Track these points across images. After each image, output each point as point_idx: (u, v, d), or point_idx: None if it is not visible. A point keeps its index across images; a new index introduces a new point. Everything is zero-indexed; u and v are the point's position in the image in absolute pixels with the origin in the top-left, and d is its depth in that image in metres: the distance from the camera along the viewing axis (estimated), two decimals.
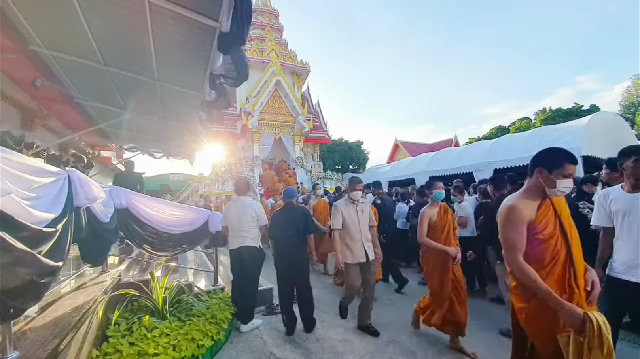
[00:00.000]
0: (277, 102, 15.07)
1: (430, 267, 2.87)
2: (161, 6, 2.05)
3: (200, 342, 2.46)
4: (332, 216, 3.05)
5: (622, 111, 22.06)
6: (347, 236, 2.97)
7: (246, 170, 13.23)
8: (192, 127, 4.27)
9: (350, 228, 2.97)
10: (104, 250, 2.70)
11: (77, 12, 2.23)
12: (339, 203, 3.08)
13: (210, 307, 3.01)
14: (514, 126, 27.23)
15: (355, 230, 2.97)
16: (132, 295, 2.93)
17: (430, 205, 2.92)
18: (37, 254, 1.19)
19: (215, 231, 3.49)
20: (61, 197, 1.53)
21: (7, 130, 3.53)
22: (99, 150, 6.94)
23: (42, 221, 1.28)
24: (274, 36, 16.32)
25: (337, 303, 3.98)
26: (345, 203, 3.05)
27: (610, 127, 7.92)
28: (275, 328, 3.12)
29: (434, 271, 2.83)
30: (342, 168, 25.12)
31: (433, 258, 2.84)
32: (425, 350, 2.71)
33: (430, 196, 2.95)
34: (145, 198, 3.17)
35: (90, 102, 4.11)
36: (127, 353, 2.16)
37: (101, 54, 2.82)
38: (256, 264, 3.20)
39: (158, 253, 3.30)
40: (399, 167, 14.61)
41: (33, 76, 3.40)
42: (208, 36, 2.26)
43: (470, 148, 11.21)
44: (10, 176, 1.11)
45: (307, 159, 16.39)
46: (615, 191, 2.06)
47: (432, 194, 2.90)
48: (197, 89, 3.14)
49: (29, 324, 1.81)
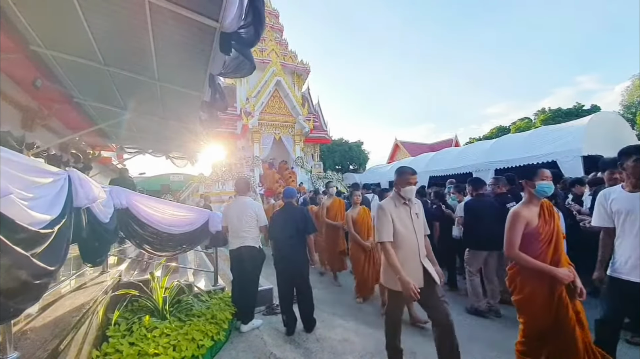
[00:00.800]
0: (278, 102, 15.06)
1: (526, 296, 1.99)
2: (161, 6, 2.05)
3: (200, 342, 2.46)
4: (378, 222, 2.16)
5: (623, 111, 22.04)
6: (399, 252, 2.10)
7: (246, 170, 13.21)
8: (192, 127, 4.27)
9: (404, 240, 2.12)
10: (104, 250, 2.70)
11: (77, 12, 2.23)
12: (386, 203, 2.23)
13: (210, 307, 3.01)
14: (514, 126, 27.22)
15: (410, 243, 2.13)
16: (132, 295, 2.93)
17: (527, 203, 2.07)
18: (33, 256, 1.18)
19: (216, 231, 3.49)
20: (61, 197, 1.52)
21: (8, 130, 3.53)
22: (99, 150, 6.94)
23: (40, 223, 1.27)
24: (274, 36, 16.31)
25: (337, 303, 4.00)
26: (395, 204, 2.20)
27: (610, 127, 7.91)
28: (275, 328, 3.11)
29: (531, 303, 1.97)
30: (342, 168, 25.10)
31: (531, 281, 1.96)
32: (425, 350, 2.70)
33: (529, 189, 2.07)
34: (145, 198, 3.17)
35: (91, 102, 4.11)
36: (127, 353, 2.16)
37: (101, 54, 2.82)
38: (256, 264, 3.20)
39: (158, 253, 3.29)
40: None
41: (33, 76, 3.40)
42: (208, 36, 2.26)
43: (470, 148, 11.19)
44: (10, 176, 1.11)
45: (307, 159, 16.37)
46: (615, 192, 2.06)
47: (533, 187, 2.03)
48: (197, 89, 3.15)
49: (29, 324, 1.81)
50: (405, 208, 2.21)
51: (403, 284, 1.94)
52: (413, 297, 1.91)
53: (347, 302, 4.03)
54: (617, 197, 2.02)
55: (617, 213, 2.00)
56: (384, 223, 2.13)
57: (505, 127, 28.56)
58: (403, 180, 2.21)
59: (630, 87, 22.15)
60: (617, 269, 1.95)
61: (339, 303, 3.99)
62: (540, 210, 2.02)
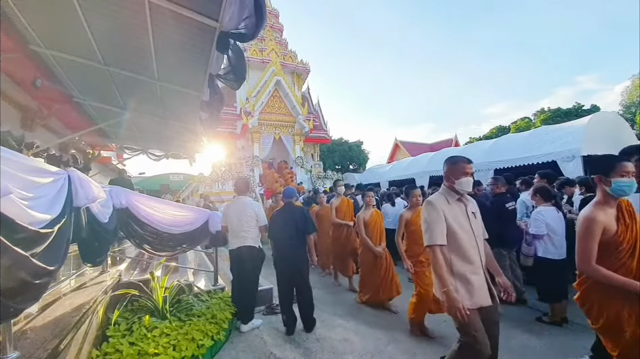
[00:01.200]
0: (277, 102, 15.06)
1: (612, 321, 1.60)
2: (161, 6, 2.05)
3: (200, 342, 2.46)
4: (428, 221, 1.78)
5: (623, 111, 22.05)
6: (457, 260, 1.72)
7: (246, 170, 13.22)
8: (192, 127, 4.27)
9: (461, 244, 1.73)
10: (104, 250, 2.70)
11: (77, 12, 2.23)
12: (436, 199, 1.84)
13: (210, 307, 3.01)
14: (514, 125, 27.23)
15: (470, 248, 1.73)
16: (132, 295, 2.93)
17: (601, 204, 1.68)
18: (33, 256, 1.18)
19: (215, 231, 3.49)
20: (61, 197, 1.53)
21: (8, 130, 3.53)
22: (99, 150, 6.94)
23: (40, 222, 1.28)
24: (274, 36, 16.31)
25: (337, 303, 4.00)
26: (447, 200, 1.83)
27: (610, 127, 7.91)
28: (275, 328, 3.12)
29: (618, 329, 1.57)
30: (342, 168, 25.12)
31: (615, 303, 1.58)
32: (425, 350, 2.71)
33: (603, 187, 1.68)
34: (145, 198, 3.18)
35: (90, 102, 4.11)
36: (127, 353, 2.16)
37: (101, 54, 2.82)
38: (256, 264, 3.20)
39: (158, 253, 3.30)
40: (399, 167, 14.60)
41: (33, 76, 3.40)
42: (208, 36, 2.26)
43: (470, 148, 11.20)
44: (10, 176, 1.11)
45: (307, 159, 16.38)
46: None
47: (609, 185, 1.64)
48: (197, 89, 3.14)
49: (29, 324, 1.81)
50: (460, 205, 1.84)
51: (449, 301, 1.58)
52: (460, 320, 1.56)
53: (347, 302, 4.04)
54: None
55: None
56: (436, 221, 1.73)
57: (505, 126, 28.58)
58: (457, 170, 1.82)
59: (630, 87, 22.16)
60: None
61: (339, 303, 3.99)
62: (618, 213, 1.63)
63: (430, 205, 1.81)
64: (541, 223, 2.98)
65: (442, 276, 1.65)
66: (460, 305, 1.56)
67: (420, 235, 2.78)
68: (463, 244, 1.73)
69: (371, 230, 3.76)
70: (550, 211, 3.06)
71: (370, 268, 3.74)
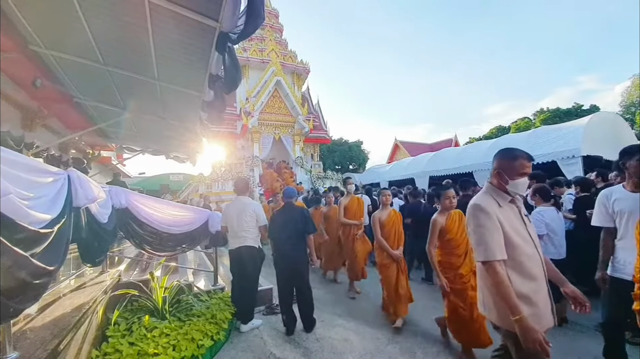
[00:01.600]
0: (277, 102, 15.07)
1: None
2: (161, 6, 2.05)
3: (200, 342, 2.46)
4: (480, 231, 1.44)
5: (622, 111, 22.06)
6: (517, 277, 1.41)
7: (246, 170, 13.22)
8: (192, 127, 4.27)
9: (523, 257, 1.42)
10: (103, 250, 2.70)
11: (77, 12, 2.23)
12: (485, 201, 1.50)
13: (210, 307, 3.01)
14: (514, 125, 27.25)
15: (533, 260, 1.44)
16: (132, 295, 2.93)
17: None
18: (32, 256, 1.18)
19: (215, 231, 3.49)
20: (60, 197, 1.53)
21: (7, 130, 3.53)
22: (99, 150, 6.94)
23: (40, 222, 1.28)
24: (274, 36, 16.32)
25: (337, 302, 4.00)
26: (498, 203, 1.51)
27: (610, 127, 7.93)
28: (275, 328, 3.12)
29: None
30: (342, 168, 25.13)
31: None
32: (425, 350, 2.71)
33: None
34: (144, 198, 3.18)
35: (90, 102, 4.11)
36: (126, 353, 2.16)
37: (101, 54, 2.82)
38: (256, 264, 3.20)
39: (158, 253, 3.30)
40: (399, 166, 14.63)
41: (33, 76, 3.40)
42: (208, 36, 2.26)
43: (470, 148, 11.21)
44: (10, 176, 1.11)
45: (307, 159, 16.39)
46: (617, 191, 2.05)
47: None
48: (197, 89, 3.14)
49: (29, 324, 1.81)
50: (513, 208, 1.53)
51: (526, 332, 1.27)
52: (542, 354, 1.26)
53: (347, 302, 4.04)
54: (619, 197, 2.02)
55: (619, 213, 1.99)
56: (491, 230, 1.40)
57: (505, 126, 28.60)
58: (515, 167, 1.50)
59: (630, 87, 22.17)
60: (619, 269, 1.95)
61: (339, 303, 3.99)
62: None
63: (481, 211, 1.46)
64: (541, 223, 2.98)
65: (510, 300, 1.32)
66: (540, 337, 1.26)
67: (458, 244, 2.65)
68: (524, 257, 1.41)
69: (388, 232, 3.42)
70: (549, 212, 3.06)
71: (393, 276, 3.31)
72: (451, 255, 2.67)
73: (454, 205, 2.75)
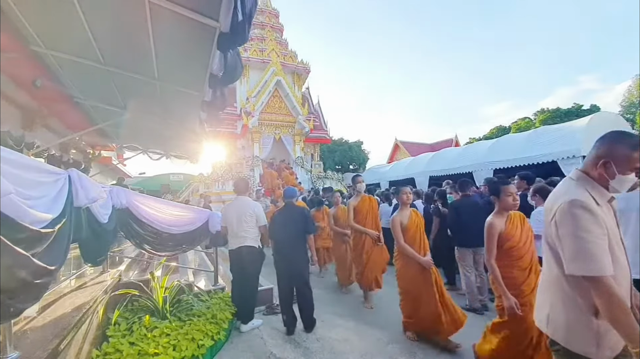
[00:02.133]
0: (278, 102, 15.07)
1: None
2: (161, 6, 2.05)
3: (200, 342, 2.46)
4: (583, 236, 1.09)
5: (623, 111, 22.05)
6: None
7: (246, 170, 13.22)
8: (192, 127, 4.26)
9: (619, 271, 1.14)
10: (104, 250, 2.70)
11: (77, 11, 2.23)
12: (584, 199, 1.16)
13: (210, 307, 3.02)
14: (514, 125, 27.24)
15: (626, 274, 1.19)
16: (132, 295, 2.94)
17: None
18: (33, 255, 1.18)
19: (215, 231, 3.49)
20: (61, 197, 1.53)
21: (8, 130, 3.53)
22: (99, 150, 6.94)
23: (41, 222, 1.28)
24: (274, 36, 16.32)
25: (337, 303, 4.00)
26: (596, 201, 1.18)
27: (610, 127, 7.86)
28: (275, 328, 3.12)
29: None
30: (342, 168, 25.13)
31: None
32: (425, 350, 2.71)
33: None
34: (145, 198, 3.18)
35: (91, 102, 4.11)
36: (127, 353, 2.16)
37: (101, 54, 2.82)
38: (256, 264, 3.20)
39: (158, 253, 3.30)
40: (399, 166, 14.62)
41: (33, 76, 3.40)
42: (208, 36, 2.26)
43: (470, 148, 11.21)
44: (11, 176, 1.11)
45: (307, 159, 16.39)
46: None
47: None
48: (197, 89, 3.14)
49: (29, 324, 1.81)
50: (610, 209, 1.25)
51: None
52: None
53: (347, 302, 4.04)
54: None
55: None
56: (599, 237, 1.10)
57: (505, 126, 28.60)
58: (632, 159, 1.14)
59: (631, 87, 22.17)
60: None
61: (339, 303, 3.99)
62: None
63: (585, 209, 1.12)
64: (541, 223, 2.98)
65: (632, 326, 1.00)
66: None
67: (521, 254, 2.11)
68: (620, 270, 1.13)
69: (412, 236, 2.88)
70: None
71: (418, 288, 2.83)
72: (512, 267, 2.11)
73: (517, 204, 2.20)
